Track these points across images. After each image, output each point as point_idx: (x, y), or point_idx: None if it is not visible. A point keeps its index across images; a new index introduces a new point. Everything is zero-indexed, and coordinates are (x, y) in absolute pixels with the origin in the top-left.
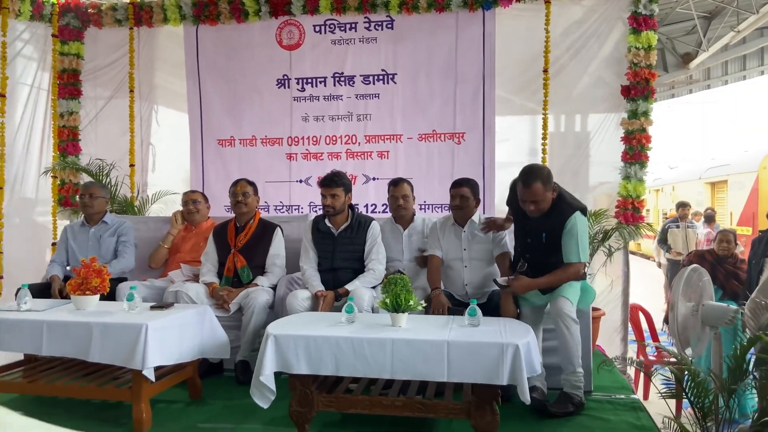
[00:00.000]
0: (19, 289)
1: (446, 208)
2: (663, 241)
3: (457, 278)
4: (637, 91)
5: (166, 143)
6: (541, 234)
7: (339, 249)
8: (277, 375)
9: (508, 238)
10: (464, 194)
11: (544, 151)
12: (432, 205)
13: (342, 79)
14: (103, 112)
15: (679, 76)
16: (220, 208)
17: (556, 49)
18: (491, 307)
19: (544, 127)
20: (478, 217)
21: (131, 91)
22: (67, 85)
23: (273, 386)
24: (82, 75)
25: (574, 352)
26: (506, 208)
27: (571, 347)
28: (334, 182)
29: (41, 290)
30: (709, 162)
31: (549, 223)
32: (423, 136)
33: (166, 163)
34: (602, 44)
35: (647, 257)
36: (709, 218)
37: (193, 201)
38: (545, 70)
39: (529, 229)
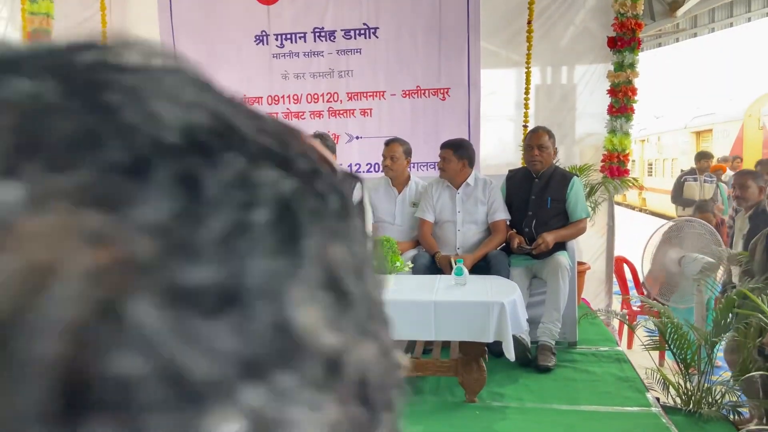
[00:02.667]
0: None
1: (432, 167)
2: (678, 196)
3: (449, 240)
4: (624, 42)
5: None
6: (546, 198)
7: None
8: None
9: (503, 205)
10: (445, 156)
11: (526, 105)
12: (417, 163)
13: (322, 34)
14: None
15: (665, 25)
16: None
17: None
18: (486, 268)
19: (527, 81)
20: (473, 179)
21: None
22: None
23: None
24: (53, 35)
25: (562, 303)
26: (493, 163)
27: (561, 298)
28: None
29: None
30: (695, 111)
31: (552, 188)
32: (407, 93)
33: None
34: None
35: (632, 207)
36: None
37: None
38: (529, 22)
39: (534, 197)
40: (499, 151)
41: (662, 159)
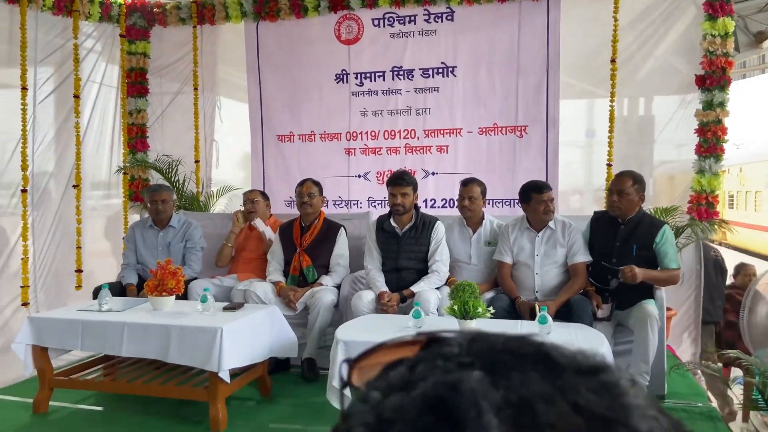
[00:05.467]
0: (98, 289)
1: (506, 203)
2: None
3: (527, 284)
4: (713, 80)
5: (229, 139)
6: (632, 246)
7: (403, 249)
8: None
9: (584, 247)
10: (548, 200)
11: (610, 144)
12: (492, 200)
13: (401, 73)
14: (168, 108)
15: (750, 56)
16: (280, 204)
17: (624, 37)
18: (567, 313)
19: (611, 118)
20: (555, 222)
21: (195, 88)
22: (135, 83)
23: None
24: (148, 73)
25: (651, 355)
26: (570, 197)
27: (650, 350)
28: (404, 181)
29: (117, 289)
30: None
31: (640, 236)
32: (483, 130)
33: (229, 159)
34: (671, 27)
35: (711, 241)
36: None
37: (251, 201)
38: (613, 60)
39: (619, 243)
40: (563, 176)
41: (744, 191)
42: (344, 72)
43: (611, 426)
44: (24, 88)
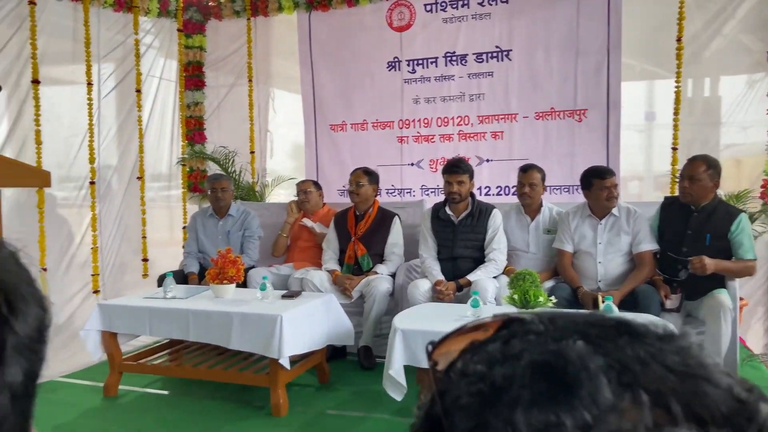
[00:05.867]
0: (162, 277)
1: (565, 190)
2: None
3: (590, 273)
4: None
5: (283, 130)
6: (705, 235)
7: (459, 237)
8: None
9: (650, 235)
10: (611, 186)
11: (675, 126)
12: (550, 186)
13: (454, 58)
14: (224, 101)
15: None
16: (333, 194)
17: (689, 15)
18: (633, 303)
19: (677, 101)
20: (619, 209)
21: (249, 80)
22: (192, 76)
23: (403, 380)
24: (205, 66)
25: (723, 347)
26: (628, 183)
27: (722, 342)
28: (460, 168)
29: (181, 277)
30: None
31: (715, 224)
32: (540, 115)
33: (283, 149)
34: (740, 4)
35: None
36: None
37: (303, 191)
38: (679, 39)
39: (691, 232)
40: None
41: None
42: (396, 59)
43: (700, 382)
44: (89, 84)
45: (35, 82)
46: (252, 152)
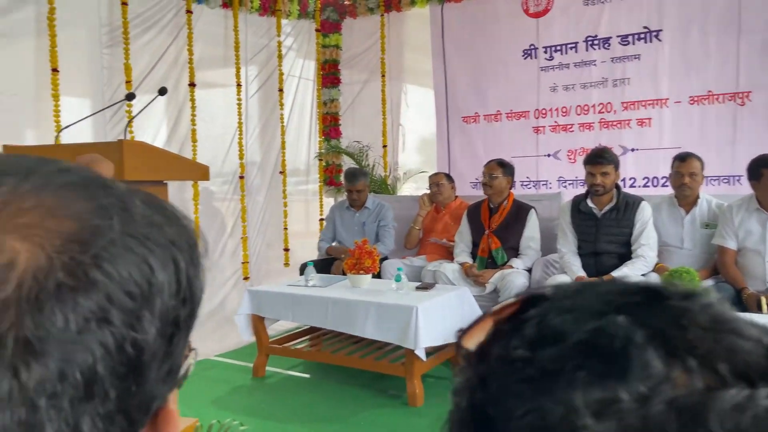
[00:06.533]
0: (304, 266)
1: (724, 181)
2: None
3: (756, 273)
4: None
5: (415, 123)
6: None
7: (603, 232)
8: None
9: None
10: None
11: None
12: (708, 177)
13: (595, 42)
14: (358, 97)
15: None
16: (466, 186)
17: None
18: None
19: None
20: None
21: (383, 75)
22: (329, 74)
23: None
24: (340, 64)
25: None
26: None
27: None
28: (604, 159)
29: (320, 267)
30: None
31: None
32: (695, 99)
33: (415, 142)
34: None
35: None
36: None
37: (436, 183)
38: None
39: None
40: None
41: None
42: (532, 47)
43: (733, 338)
44: (238, 85)
45: (191, 85)
46: (384, 146)
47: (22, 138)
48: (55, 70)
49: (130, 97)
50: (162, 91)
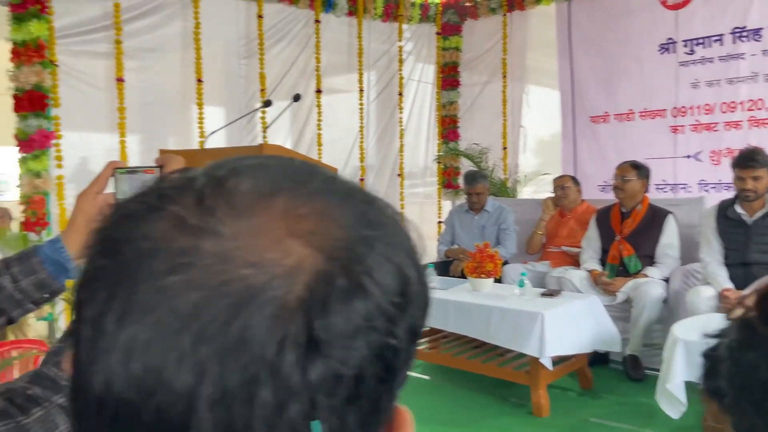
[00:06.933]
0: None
1: None
2: None
3: None
4: None
5: (536, 124)
6: None
7: (754, 240)
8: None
9: None
10: None
11: None
12: None
13: (744, 34)
14: (478, 98)
15: None
16: (593, 190)
17: None
18: None
19: None
20: None
21: (504, 76)
22: (448, 77)
23: (683, 397)
24: (460, 66)
25: None
26: None
27: None
28: (756, 161)
29: (440, 268)
30: None
31: None
32: None
33: (536, 144)
34: None
35: None
36: None
37: (561, 186)
38: None
39: None
40: None
41: None
42: (670, 41)
43: None
44: (361, 90)
45: (318, 91)
46: (504, 148)
47: (167, 143)
48: (200, 81)
49: (268, 103)
50: (296, 98)
